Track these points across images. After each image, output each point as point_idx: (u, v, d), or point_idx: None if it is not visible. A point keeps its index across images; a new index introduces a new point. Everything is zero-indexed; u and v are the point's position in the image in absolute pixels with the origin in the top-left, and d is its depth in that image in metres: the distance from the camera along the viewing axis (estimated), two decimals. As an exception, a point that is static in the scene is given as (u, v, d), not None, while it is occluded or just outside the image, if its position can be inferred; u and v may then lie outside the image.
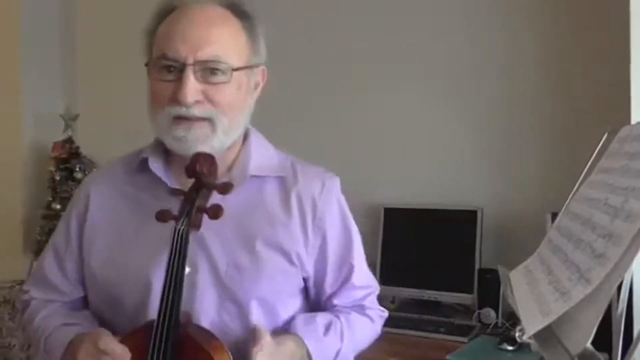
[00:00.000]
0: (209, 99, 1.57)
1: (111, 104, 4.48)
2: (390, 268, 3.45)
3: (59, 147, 4.29)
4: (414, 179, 3.57)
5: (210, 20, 1.60)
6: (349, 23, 3.78)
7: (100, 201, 1.75)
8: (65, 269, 1.77)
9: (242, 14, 1.67)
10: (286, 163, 1.79)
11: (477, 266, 3.18)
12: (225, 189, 1.50)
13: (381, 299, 3.50)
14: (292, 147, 3.15)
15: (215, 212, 1.48)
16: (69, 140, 4.32)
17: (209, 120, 1.58)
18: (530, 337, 1.07)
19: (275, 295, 1.68)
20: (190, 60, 1.53)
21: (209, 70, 1.56)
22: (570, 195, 1.45)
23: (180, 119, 1.56)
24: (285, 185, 1.73)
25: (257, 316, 1.64)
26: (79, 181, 4.17)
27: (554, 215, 1.88)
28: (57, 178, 4.24)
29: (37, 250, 4.20)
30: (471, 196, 3.40)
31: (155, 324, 1.47)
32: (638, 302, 2.19)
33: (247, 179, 1.68)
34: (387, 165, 3.65)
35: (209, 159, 1.52)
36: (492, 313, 3.02)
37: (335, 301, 1.80)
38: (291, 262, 1.69)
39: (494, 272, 2.91)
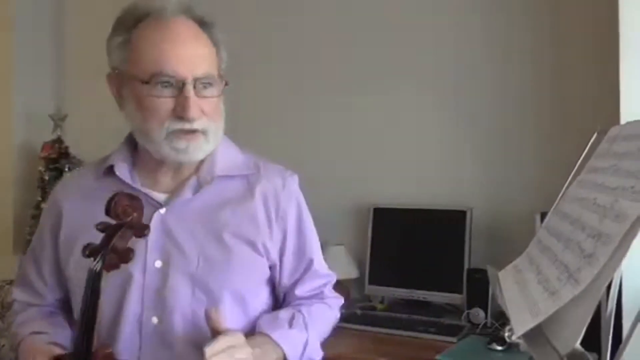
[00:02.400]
0: (203, 112, 1.67)
1: (100, 105, 4.45)
2: (379, 268, 3.46)
3: (49, 147, 4.28)
4: (404, 179, 3.57)
5: (194, 37, 1.70)
6: (343, 23, 3.78)
7: (72, 209, 1.82)
8: (43, 273, 1.88)
9: (207, 26, 1.75)
10: (249, 162, 1.89)
11: (466, 266, 3.18)
12: (140, 231, 1.54)
13: (370, 299, 3.53)
14: (282, 148, 3.16)
15: (125, 257, 1.51)
16: (58, 141, 4.31)
17: (203, 131, 1.68)
18: (519, 337, 1.07)
19: (244, 284, 1.79)
20: (189, 79, 1.63)
21: (202, 85, 1.66)
22: (560, 195, 1.45)
23: (181, 132, 1.65)
24: (249, 182, 1.84)
25: (228, 305, 1.73)
26: (68, 181, 4.17)
27: (544, 215, 1.88)
28: (47, 178, 4.23)
29: (27, 250, 4.18)
30: (461, 196, 3.40)
31: (72, 352, 1.51)
32: (627, 302, 2.19)
33: (214, 179, 1.78)
34: (377, 165, 3.65)
35: (126, 199, 1.54)
36: (482, 313, 3.02)
37: (297, 292, 1.91)
38: (258, 251, 1.80)
39: (484, 272, 2.92)
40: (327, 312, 1.97)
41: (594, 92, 3.05)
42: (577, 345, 0.95)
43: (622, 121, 2.36)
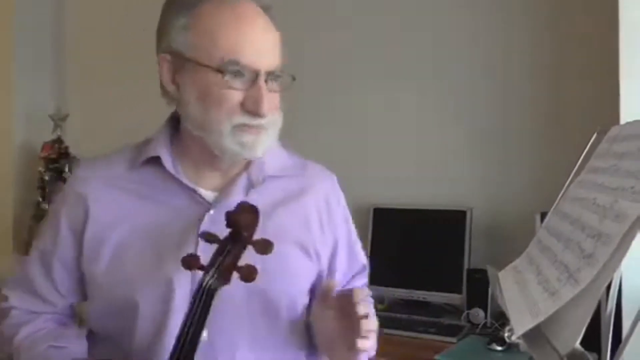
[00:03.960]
0: (271, 107, 1.53)
1: (100, 104, 4.47)
2: (379, 268, 3.43)
3: (49, 147, 4.28)
4: (404, 179, 3.57)
5: (267, 25, 1.56)
6: (341, 24, 3.78)
7: (100, 202, 1.59)
8: (54, 278, 1.64)
9: (270, 13, 1.60)
10: (296, 162, 1.78)
11: (466, 266, 3.18)
12: (265, 248, 1.41)
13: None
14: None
15: (249, 274, 1.37)
16: (58, 141, 4.31)
17: (269, 126, 1.55)
18: (519, 337, 1.07)
19: (298, 293, 1.66)
20: (263, 71, 1.49)
21: (273, 79, 1.54)
22: (560, 195, 1.45)
23: (248, 126, 1.50)
24: (299, 184, 1.72)
25: (285, 316, 1.60)
26: (68, 181, 4.17)
27: (544, 215, 1.88)
28: (46, 178, 4.23)
29: (27, 250, 4.18)
30: (460, 196, 3.40)
31: None
32: (627, 302, 2.19)
33: (265, 180, 1.64)
34: (377, 165, 3.65)
35: (253, 212, 1.43)
36: (481, 313, 3.02)
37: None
38: (311, 258, 1.67)
39: (483, 272, 2.91)
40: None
41: (594, 92, 3.05)
42: (577, 345, 0.95)
43: (622, 121, 2.36)
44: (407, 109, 3.60)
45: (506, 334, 2.66)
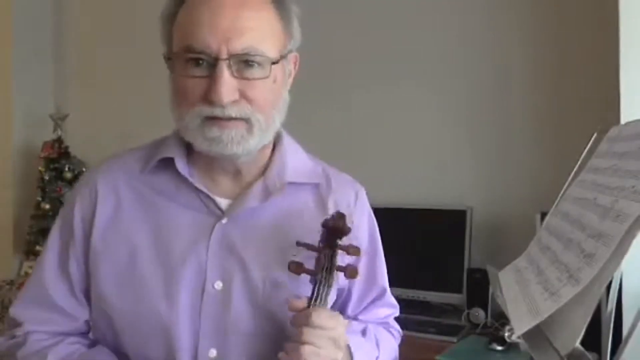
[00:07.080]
0: (245, 96, 1.35)
1: (101, 105, 4.47)
2: (380, 268, 3.45)
3: (49, 147, 4.29)
4: (404, 178, 3.57)
5: (240, 3, 1.34)
6: (339, 21, 3.78)
7: (109, 204, 1.48)
8: (70, 274, 1.47)
9: None
10: (318, 168, 1.62)
11: (466, 266, 3.18)
12: (356, 252, 1.38)
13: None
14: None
15: (353, 273, 1.38)
16: (58, 141, 4.32)
17: (245, 120, 1.36)
18: (519, 337, 1.07)
19: None
20: (224, 54, 1.30)
21: (244, 63, 1.33)
22: (560, 195, 1.45)
23: (213, 119, 1.34)
24: (320, 193, 1.56)
25: None
26: (68, 181, 4.18)
27: (544, 215, 1.88)
28: (47, 178, 4.24)
29: (27, 250, 4.20)
30: (461, 196, 3.40)
31: None
32: (627, 301, 2.19)
33: (285, 186, 1.49)
34: (376, 165, 3.65)
35: (348, 219, 1.37)
36: (482, 313, 3.02)
37: (362, 317, 1.68)
38: None
39: (483, 272, 2.92)
40: (392, 341, 1.73)
41: (594, 92, 3.05)
42: (577, 345, 0.95)
43: (622, 121, 2.36)
44: (407, 109, 3.60)
45: (506, 334, 2.66)
